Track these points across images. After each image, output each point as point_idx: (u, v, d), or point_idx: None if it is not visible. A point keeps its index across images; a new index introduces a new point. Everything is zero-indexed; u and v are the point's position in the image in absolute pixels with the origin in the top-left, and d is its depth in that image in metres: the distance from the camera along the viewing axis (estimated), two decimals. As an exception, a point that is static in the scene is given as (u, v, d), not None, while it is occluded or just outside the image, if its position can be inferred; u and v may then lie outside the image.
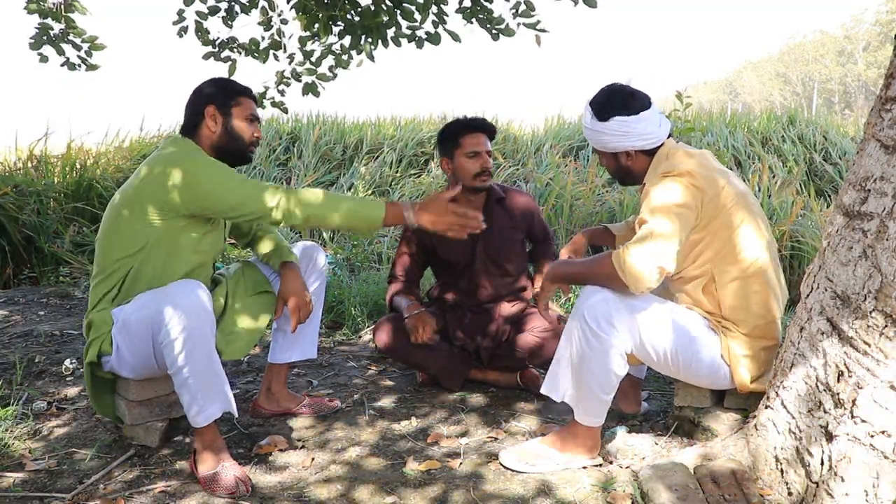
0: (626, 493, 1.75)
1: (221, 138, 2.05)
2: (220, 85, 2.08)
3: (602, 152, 2.05)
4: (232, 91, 2.08)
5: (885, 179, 1.49)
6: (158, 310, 1.79)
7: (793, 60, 36.59)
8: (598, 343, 1.82)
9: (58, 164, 5.57)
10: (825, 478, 1.49)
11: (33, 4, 3.67)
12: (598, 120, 1.97)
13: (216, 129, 2.04)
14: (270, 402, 2.35)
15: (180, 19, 4.02)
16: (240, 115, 2.07)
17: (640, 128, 1.93)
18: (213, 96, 2.04)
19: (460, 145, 2.55)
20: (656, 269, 1.76)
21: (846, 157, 7.91)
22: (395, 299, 2.71)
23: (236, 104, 2.06)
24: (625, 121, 1.93)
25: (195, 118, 2.05)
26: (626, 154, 1.99)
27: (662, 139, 1.98)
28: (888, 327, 1.42)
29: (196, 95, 2.07)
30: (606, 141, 1.98)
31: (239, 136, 2.06)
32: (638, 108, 1.94)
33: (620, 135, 1.94)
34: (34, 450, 2.05)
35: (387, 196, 6.90)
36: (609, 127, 1.95)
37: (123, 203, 1.95)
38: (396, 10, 3.73)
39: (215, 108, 2.03)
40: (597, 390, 1.86)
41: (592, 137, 2.02)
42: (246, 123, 2.08)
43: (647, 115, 1.94)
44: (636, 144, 1.95)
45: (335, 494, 1.83)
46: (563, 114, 10.04)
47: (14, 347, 3.04)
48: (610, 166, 2.07)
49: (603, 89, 2.01)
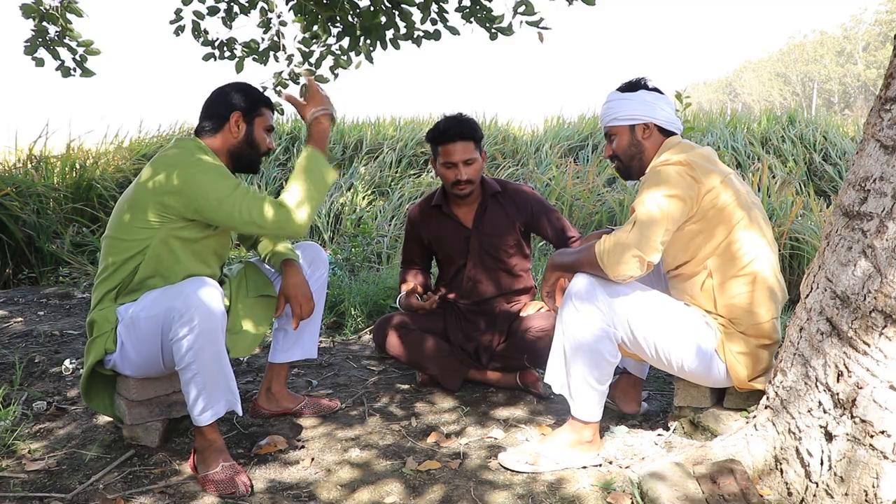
0: (626, 493, 1.75)
1: (240, 145, 2.07)
2: (246, 93, 2.10)
3: (618, 129, 2.05)
4: (257, 101, 2.10)
5: (885, 179, 1.49)
6: (170, 306, 1.81)
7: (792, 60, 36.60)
8: (586, 327, 1.85)
9: (58, 164, 5.57)
10: (825, 478, 1.49)
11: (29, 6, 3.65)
12: (623, 92, 2.05)
13: (238, 135, 2.06)
14: (270, 402, 2.35)
15: (177, 18, 4.02)
16: (260, 126, 2.10)
17: (665, 106, 2.02)
18: (240, 104, 2.07)
19: (438, 153, 2.56)
20: (636, 260, 1.80)
21: (846, 157, 7.91)
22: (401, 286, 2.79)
23: (259, 115, 2.10)
24: (651, 93, 2.02)
25: (218, 121, 2.06)
26: (644, 127, 2.01)
27: (676, 130, 2.04)
28: (888, 327, 1.43)
29: (222, 100, 2.07)
30: (631, 109, 2.01)
31: (256, 146, 2.10)
32: (662, 93, 2.05)
33: (646, 104, 2.01)
34: (34, 450, 2.05)
35: (386, 196, 6.90)
36: (637, 96, 2.02)
37: (126, 204, 1.96)
38: (395, 12, 3.73)
39: (240, 116, 2.06)
40: (590, 379, 1.88)
41: (615, 109, 2.04)
42: (265, 134, 2.12)
43: (669, 102, 2.04)
44: (658, 117, 2.00)
45: (335, 494, 1.83)
46: (563, 114, 10.07)
47: (14, 347, 3.04)
48: (621, 142, 2.05)
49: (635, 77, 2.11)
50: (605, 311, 1.86)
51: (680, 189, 1.85)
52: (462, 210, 2.67)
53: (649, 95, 2.01)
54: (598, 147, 8.24)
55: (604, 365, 1.87)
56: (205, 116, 2.09)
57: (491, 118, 9.56)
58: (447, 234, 2.69)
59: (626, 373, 2.31)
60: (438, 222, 2.70)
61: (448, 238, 2.68)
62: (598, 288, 1.86)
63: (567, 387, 1.94)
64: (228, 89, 2.10)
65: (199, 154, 1.98)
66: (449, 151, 2.51)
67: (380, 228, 5.66)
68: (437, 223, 2.70)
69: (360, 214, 6.22)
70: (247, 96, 2.09)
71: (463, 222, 2.67)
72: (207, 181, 1.89)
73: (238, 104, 2.07)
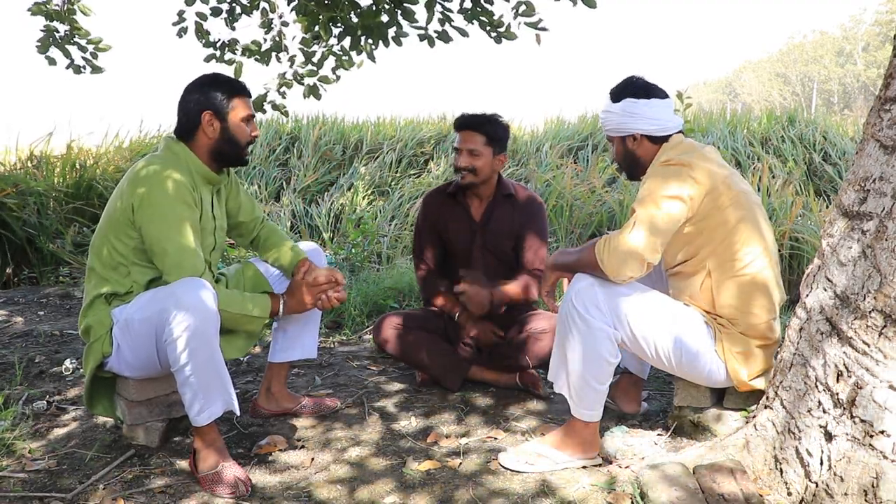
0: (626, 493, 1.75)
1: (219, 144, 2.01)
2: (213, 86, 2.00)
3: (612, 139, 2.10)
4: (227, 92, 2.00)
5: (885, 179, 1.49)
6: (163, 308, 1.80)
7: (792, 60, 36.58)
8: (585, 327, 1.85)
9: (58, 164, 5.57)
10: (824, 477, 1.49)
11: (37, 6, 3.66)
12: (611, 102, 2.05)
13: (214, 135, 2.00)
14: (270, 402, 2.35)
15: (180, 20, 4.02)
16: (236, 118, 2.01)
17: (649, 112, 1.98)
18: (208, 101, 1.98)
19: (454, 140, 2.67)
20: (636, 261, 1.81)
21: (846, 157, 7.91)
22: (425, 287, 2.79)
23: (232, 108, 2.01)
24: (634, 103, 1.99)
25: (191, 124, 1.99)
26: (632, 138, 2.03)
27: (670, 131, 2.01)
28: (887, 327, 1.43)
29: (189, 100, 1.99)
30: (616, 121, 2.03)
31: (237, 141, 2.03)
32: (649, 95, 2.00)
33: (628, 116, 1.99)
34: (34, 450, 2.05)
35: (386, 196, 6.90)
36: (619, 107, 2.01)
37: (106, 218, 1.97)
38: (397, 11, 3.72)
39: (212, 115, 1.98)
40: (590, 379, 1.88)
41: (605, 120, 2.07)
42: (243, 125, 2.04)
43: (658, 104, 1.99)
44: (642, 128, 1.99)
45: (335, 494, 1.83)
46: (563, 114, 10.08)
47: (14, 347, 3.04)
48: (617, 152, 2.10)
49: (623, 79, 2.08)
50: (605, 312, 1.86)
51: (680, 189, 1.85)
52: (475, 203, 2.73)
53: (633, 105, 1.98)
54: (598, 147, 8.25)
55: (604, 365, 1.87)
56: (180, 119, 2.01)
57: (491, 118, 9.53)
58: (456, 222, 2.72)
59: (626, 372, 2.31)
60: (451, 209, 2.74)
61: (456, 226, 2.72)
62: (598, 288, 1.87)
63: (567, 386, 1.94)
64: (193, 87, 2.00)
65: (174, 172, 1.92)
66: (461, 137, 2.64)
67: (380, 228, 5.66)
68: (449, 210, 2.75)
69: (360, 214, 6.22)
70: (213, 90, 1.98)
71: (473, 215, 2.71)
72: (161, 229, 1.87)
73: (206, 102, 1.97)
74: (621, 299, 1.87)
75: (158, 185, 1.89)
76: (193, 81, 2.03)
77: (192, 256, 1.88)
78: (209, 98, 1.99)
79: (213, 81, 2.02)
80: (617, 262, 1.82)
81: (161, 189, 1.88)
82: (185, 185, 1.93)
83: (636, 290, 1.90)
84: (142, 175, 1.91)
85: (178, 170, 1.94)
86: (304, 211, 6.61)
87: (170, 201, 1.88)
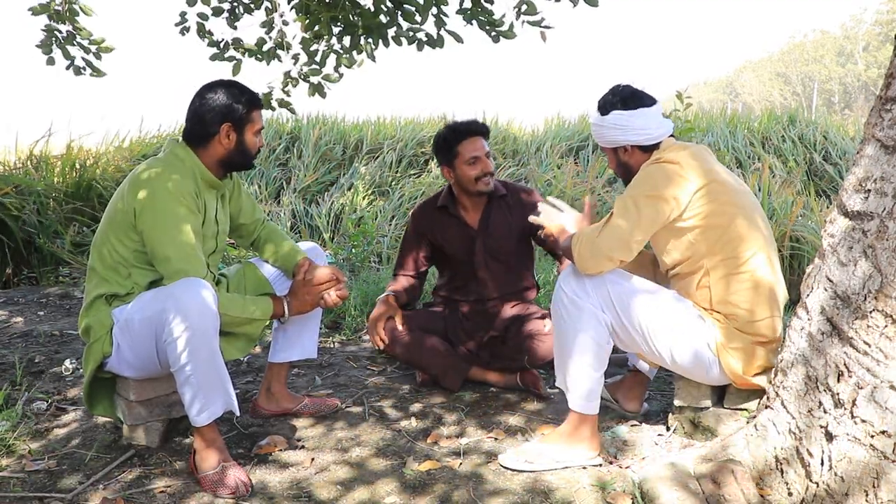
0: (626, 493, 1.75)
1: (232, 155, 2.03)
2: (235, 97, 1.99)
3: (605, 150, 2.13)
4: (247, 104, 2.01)
5: (885, 179, 1.49)
6: (162, 308, 1.80)
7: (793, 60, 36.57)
8: (575, 309, 1.89)
9: (58, 164, 5.57)
10: (825, 478, 1.49)
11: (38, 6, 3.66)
12: (600, 115, 2.06)
13: (230, 146, 2.01)
14: (270, 402, 2.35)
15: (183, 20, 4.02)
16: (251, 130, 2.05)
17: (638, 123, 1.99)
18: (230, 113, 1.98)
19: (458, 154, 2.58)
20: (606, 257, 1.86)
21: (846, 157, 7.91)
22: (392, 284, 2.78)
23: (251, 121, 2.03)
24: (621, 115, 2.00)
25: (207, 131, 1.98)
26: (623, 149, 2.05)
27: (660, 138, 2.01)
28: (888, 327, 1.42)
29: (207, 107, 1.98)
30: (605, 134, 2.05)
31: (249, 152, 2.06)
32: (636, 105, 2.00)
33: (617, 128, 2.01)
34: (34, 450, 2.05)
35: (386, 196, 6.90)
36: (608, 120, 2.03)
37: (107, 219, 1.97)
38: (397, 11, 3.72)
39: (231, 127, 1.99)
40: (584, 364, 1.90)
41: (596, 132, 2.10)
42: (255, 137, 2.07)
43: (646, 112, 2.00)
44: (632, 139, 2.01)
45: (335, 494, 1.83)
46: (563, 114, 10.08)
47: (14, 347, 3.04)
48: (612, 162, 2.14)
49: (609, 88, 2.09)
50: (593, 295, 1.90)
51: (664, 188, 1.86)
52: (468, 212, 2.70)
53: (621, 117, 1.99)
54: (599, 147, 8.23)
55: (597, 349, 1.90)
56: (193, 124, 2.00)
57: (491, 118, 9.56)
58: (453, 235, 2.70)
59: (634, 370, 2.30)
60: (444, 224, 2.71)
61: (454, 239, 2.69)
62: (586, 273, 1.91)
63: (564, 377, 1.95)
64: (212, 95, 1.98)
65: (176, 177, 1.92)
66: (474, 146, 2.58)
67: (380, 228, 5.66)
68: (442, 224, 2.71)
69: (360, 214, 6.22)
70: (235, 101, 1.99)
71: (469, 224, 2.68)
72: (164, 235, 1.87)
73: (228, 114, 1.98)
74: (607, 283, 1.91)
75: (160, 189, 1.89)
76: (209, 87, 2.01)
77: (194, 263, 1.89)
78: (231, 110, 1.99)
79: (235, 93, 2.00)
80: (588, 256, 1.87)
81: (163, 194, 1.89)
82: (188, 190, 1.94)
83: (623, 277, 1.94)
84: (143, 179, 1.92)
85: (182, 174, 1.95)
86: (304, 211, 6.61)
87: (172, 206, 1.89)
